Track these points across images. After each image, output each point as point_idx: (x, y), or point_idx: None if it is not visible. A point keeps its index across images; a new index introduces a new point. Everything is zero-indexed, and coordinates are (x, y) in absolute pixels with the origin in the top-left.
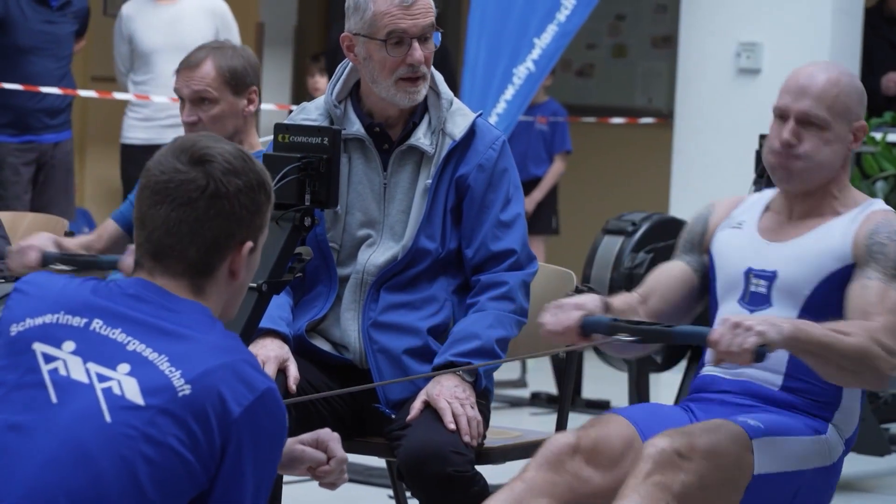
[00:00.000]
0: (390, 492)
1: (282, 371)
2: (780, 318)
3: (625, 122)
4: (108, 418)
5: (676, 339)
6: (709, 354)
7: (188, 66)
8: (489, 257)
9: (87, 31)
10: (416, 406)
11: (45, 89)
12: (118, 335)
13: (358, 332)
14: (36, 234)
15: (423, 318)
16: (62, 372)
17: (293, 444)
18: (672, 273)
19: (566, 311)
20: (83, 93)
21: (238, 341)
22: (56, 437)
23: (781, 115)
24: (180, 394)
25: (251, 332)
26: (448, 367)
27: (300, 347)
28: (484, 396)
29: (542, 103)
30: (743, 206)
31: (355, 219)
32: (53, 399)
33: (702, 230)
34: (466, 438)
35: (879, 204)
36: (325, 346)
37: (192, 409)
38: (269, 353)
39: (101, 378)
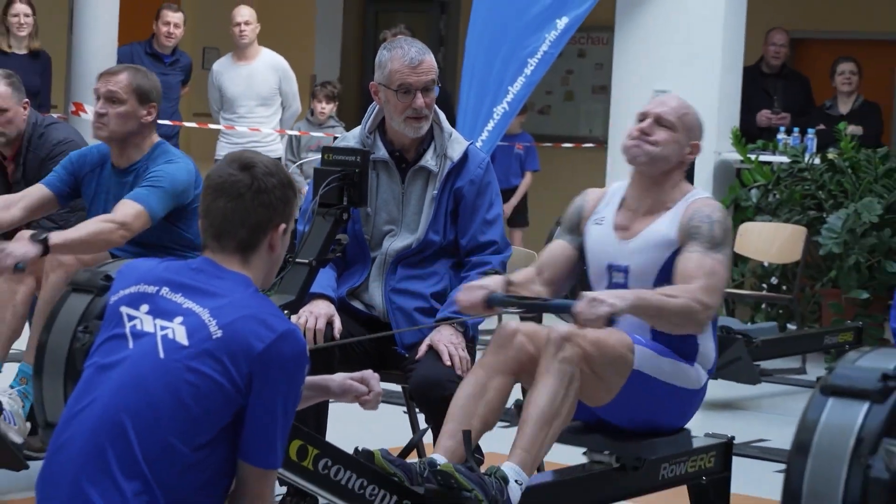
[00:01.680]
0: (404, 408)
1: (329, 323)
2: (625, 291)
3: (572, 147)
4: (161, 356)
5: (551, 310)
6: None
7: (108, 73)
8: (477, 245)
9: (190, 80)
10: (423, 348)
11: (159, 122)
12: (178, 298)
13: (382, 296)
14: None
15: (428, 286)
16: (138, 326)
17: (345, 379)
18: (557, 251)
19: (474, 290)
20: (187, 124)
21: (265, 300)
22: (125, 372)
23: (642, 117)
24: (214, 336)
25: (304, 294)
26: (446, 321)
27: (342, 306)
28: (472, 342)
29: (517, 134)
30: (605, 200)
31: (381, 218)
32: (130, 346)
33: (577, 218)
34: (458, 371)
35: (699, 193)
36: (359, 305)
37: (224, 347)
38: (320, 310)
39: (162, 328)
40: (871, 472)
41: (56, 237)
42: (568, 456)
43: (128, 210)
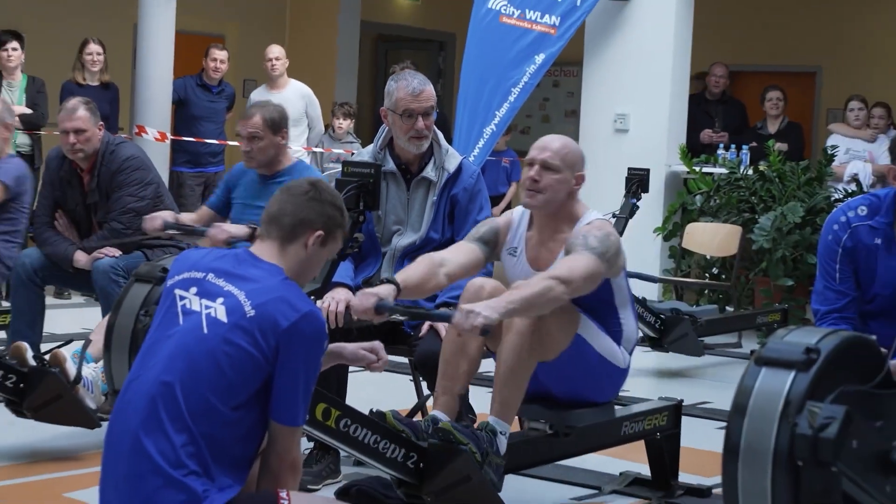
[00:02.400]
0: (410, 377)
1: (348, 306)
2: (496, 300)
3: None
4: (205, 330)
5: (432, 318)
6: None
7: (244, 117)
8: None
9: (233, 106)
10: (425, 327)
11: (208, 141)
12: (220, 282)
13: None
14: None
15: None
16: (188, 306)
17: (357, 349)
18: (468, 252)
19: (367, 297)
20: (231, 143)
21: (293, 286)
22: (175, 343)
23: (531, 162)
24: (248, 315)
25: (328, 283)
26: (443, 305)
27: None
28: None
29: (503, 150)
30: (512, 230)
31: (390, 219)
32: (180, 322)
33: (494, 239)
34: None
35: (588, 217)
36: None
37: (256, 323)
38: (341, 295)
39: (206, 307)
40: (797, 430)
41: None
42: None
43: None
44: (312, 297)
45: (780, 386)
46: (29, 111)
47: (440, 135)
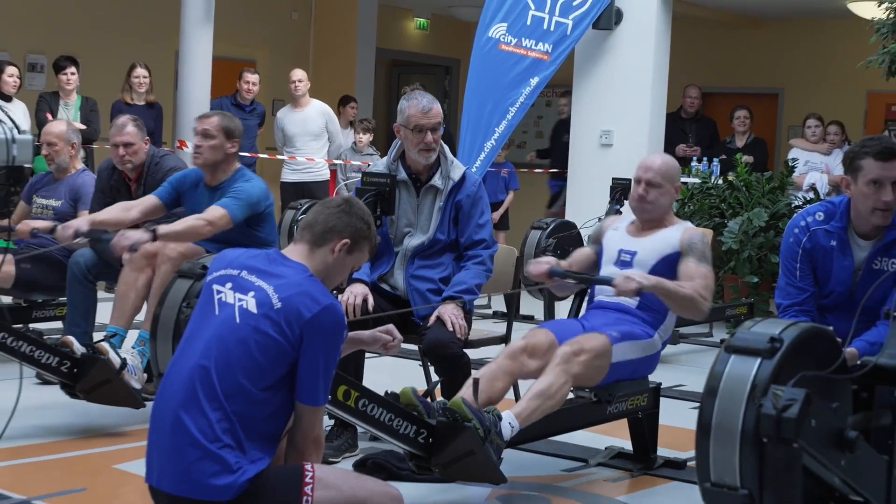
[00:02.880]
0: (419, 362)
1: (365, 300)
2: (647, 275)
3: (542, 172)
4: (237, 320)
5: (595, 282)
6: (610, 290)
7: (203, 116)
8: (472, 242)
9: (263, 123)
10: (433, 318)
11: (241, 153)
12: (252, 278)
13: (403, 280)
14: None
15: (437, 273)
16: (223, 299)
17: (374, 332)
18: (585, 252)
19: (541, 265)
20: (262, 155)
21: (316, 282)
22: (211, 331)
23: (637, 180)
24: (275, 307)
25: (347, 279)
26: (448, 299)
27: (374, 288)
28: (469, 313)
29: (502, 162)
30: (618, 222)
31: (402, 222)
32: (217, 313)
33: (598, 232)
34: (458, 335)
35: (690, 224)
36: (386, 287)
37: (282, 314)
38: (359, 290)
39: (239, 300)
40: (762, 410)
41: (162, 229)
42: None
43: (215, 212)
44: (334, 292)
45: (747, 371)
46: (83, 127)
47: (446, 148)
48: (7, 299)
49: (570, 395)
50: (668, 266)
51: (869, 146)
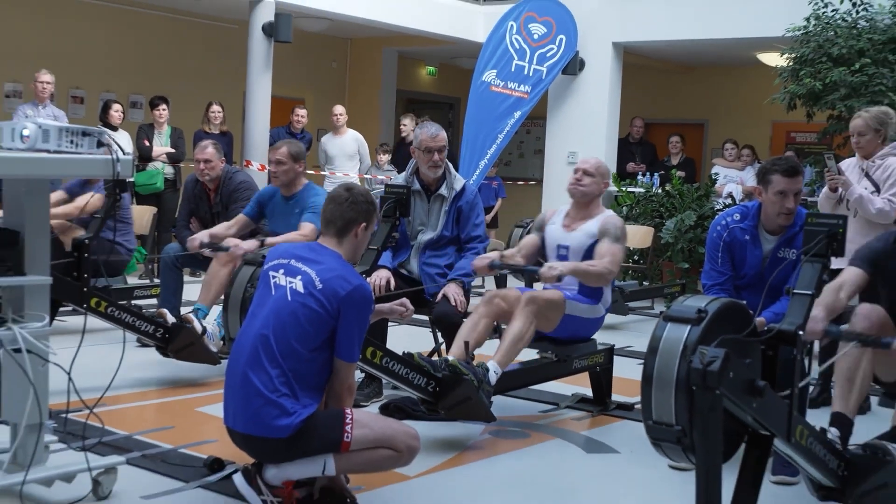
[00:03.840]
0: (430, 330)
1: (388, 281)
2: (568, 262)
3: (523, 184)
4: (289, 298)
5: (527, 272)
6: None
7: (274, 147)
8: (470, 238)
9: (310, 147)
10: (440, 295)
11: None
12: (299, 265)
13: (417, 266)
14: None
15: (443, 261)
16: (277, 282)
17: (393, 305)
18: (532, 239)
19: (483, 259)
20: (309, 171)
21: (348, 266)
22: (269, 308)
23: (575, 170)
24: (318, 287)
25: (374, 265)
26: (452, 282)
27: (395, 272)
28: (467, 291)
29: (493, 176)
30: (556, 216)
31: (416, 222)
32: (273, 293)
33: (542, 222)
34: (460, 308)
35: (610, 212)
36: (405, 272)
37: (323, 292)
38: (383, 274)
39: (290, 282)
40: (691, 365)
41: (269, 240)
42: (527, 355)
43: (307, 228)
44: (364, 274)
45: (680, 335)
46: (173, 150)
47: (450, 165)
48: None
49: (537, 356)
50: (592, 253)
51: (778, 164)
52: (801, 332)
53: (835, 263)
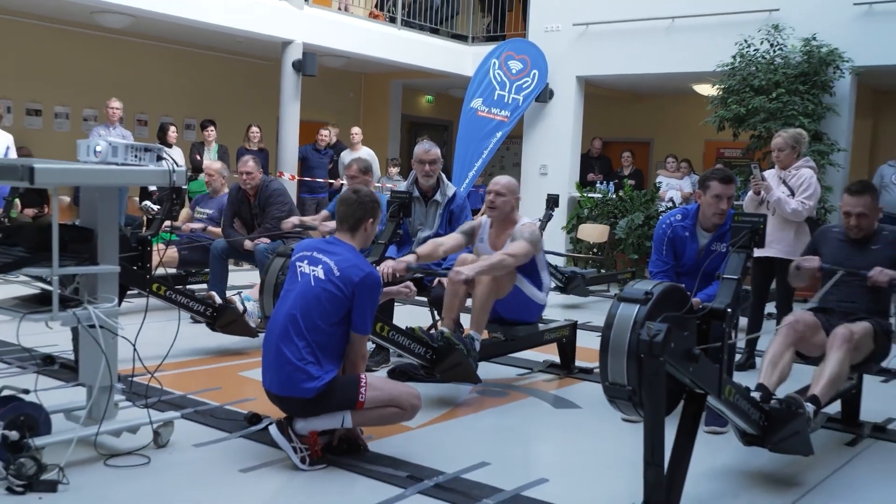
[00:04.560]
0: (428, 309)
1: (393, 270)
2: (473, 265)
3: None
4: (312, 284)
5: (437, 274)
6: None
7: (347, 166)
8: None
9: (332, 161)
10: (436, 281)
11: (318, 180)
12: (320, 255)
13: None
14: (293, 217)
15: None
16: (303, 270)
17: (400, 287)
18: (456, 239)
19: (401, 263)
20: (331, 181)
21: (361, 256)
22: (296, 292)
23: (489, 192)
24: (336, 274)
25: (382, 257)
26: (448, 268)
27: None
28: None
29: (480, 185)
30: (482, 232)
31: (416, 222)
32: (299, 279)
33: (471, 230)
34: None
35: (526, 219)
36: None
37: (340, 278)
38: (389, 263)
39: (312, 271)
40: (640, 337)
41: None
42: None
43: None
44: (374, 264)
45: (630, 313)
46: (226, 168)
47: (444, 176)
48: (171, 270)
49: (486, 336)
50: None
51: (716, 173)
52: (729, 309)
53: (756, 253)
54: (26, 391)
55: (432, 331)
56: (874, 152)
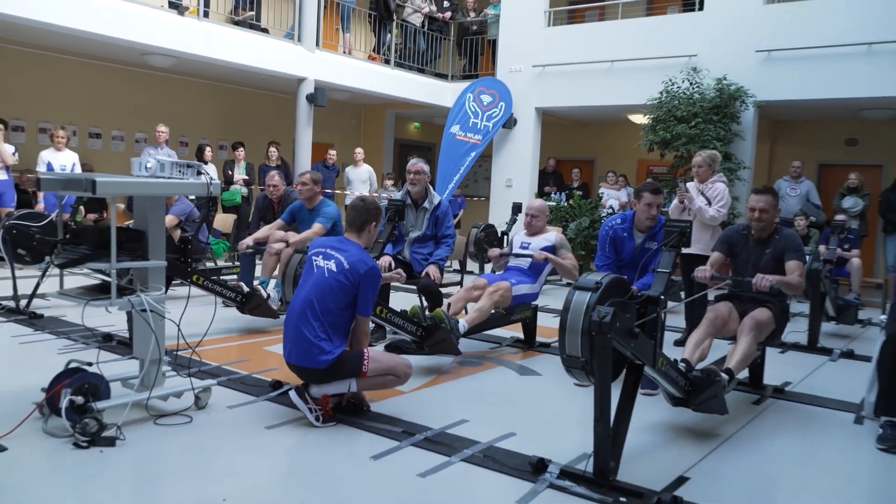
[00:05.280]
0: (417, 295)
1: (389, 264)
2: (557, 259)
3: (477, 199)
4: (326, 275)
5: (528, 255)
6: (518, 260)
7: (302, 174)
8: (444, 235)
9: (338, 175)
10: (423, 273)
11: (327, 190)
12: (333, 252)
13: (409, 253)
14: (247, 239)
15: (425, 250)
16: (318, 264)
17: (392, 273)
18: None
19: (494, 251)
20: (336, 191)
21: (366, 253)
22: (312, 282)
23: (527, 213)
24: (346, 267)
25: (381, 253)
26: (433, 264)
27: (394, 258)
28: (441, 270)
29: (458, 194)
30: (518, 235)
31: (408, 225)
32: (315, 272)
33: (510, 241)
34: (436, 281)
35: (556, 230)
36: (401, 257)
37: (349, 271)
38: (387, 258)
39: (326, 265)
40: (592, 318)
41: (292, 239)
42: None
43: (317, 227)
44: (375, 259)
45: (584, 299)
46: (247, 178)
47: (431, 187)
48: (210, 264)
49: (493, 311)
50: (546, 250)
51: (648, 185)
52: (662, 297)
53: (684, 251)
54: (90, 364)
55: (426, 312)
56: (771, 170)
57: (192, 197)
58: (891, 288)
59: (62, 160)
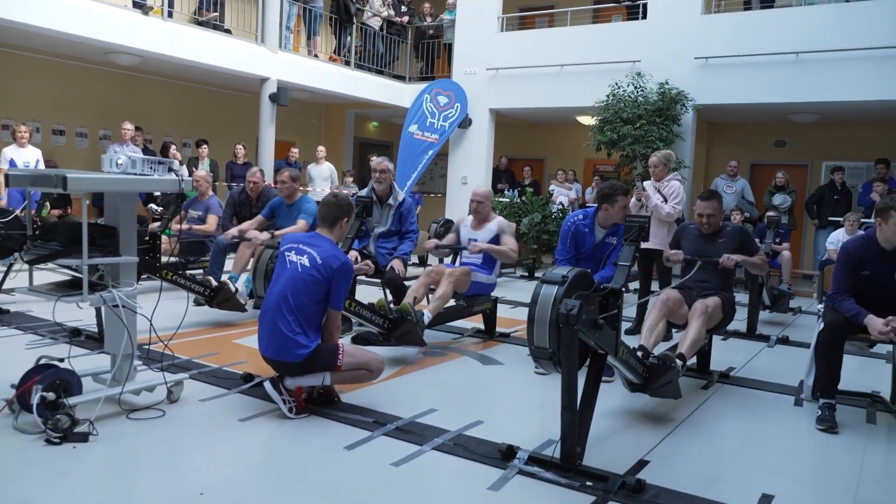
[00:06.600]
0: (381, 289)
1: (356, 259)
2: (490, 245)
3: (433, 196)
4: (299, 270)
5: (460, 249)
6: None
7: (280, 172)
8: (407, 231)
9: (301, 171)
10: (388, 267)
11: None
12: (305, 247)
13: (374, 248)
14: (232, 229)
15: (390, 245)
16: (291, 259)
17: (360, 265)
18: (452, 236)
19: (430, 242)
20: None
21: (337, 248)
22: (286, 277)
23: (472, 199)
24: (318, 262)
25: (349, 248)
26: (398, 258)
27: (361, 252)
28: (405, 263)
29: (416, 191)
30: (465, 222)
31: (374, 220)
32: (288, 267)
33: (456, 226)
34: (401, 275)
35: (501, 217)
36: (367, 252)
37: (322, 266)
38: (353, 253)
39: (299, 260)
40: (559, 310)
41: (277, 232)
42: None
43: (301, 223)
44: (346, 252)
45: (551, 292)
46: (211, 174)
47: (395, 185)
48: (173, 259)
49: (453, 303)
50: (492, 241)
51: (619, 189)
52: (624, 289)
53: (643, 245)
54: (61, 360)
55: (392, 305)
56: (709, 168)
57: (158, 194)
58: (826, 279)
59: (26, 156)
